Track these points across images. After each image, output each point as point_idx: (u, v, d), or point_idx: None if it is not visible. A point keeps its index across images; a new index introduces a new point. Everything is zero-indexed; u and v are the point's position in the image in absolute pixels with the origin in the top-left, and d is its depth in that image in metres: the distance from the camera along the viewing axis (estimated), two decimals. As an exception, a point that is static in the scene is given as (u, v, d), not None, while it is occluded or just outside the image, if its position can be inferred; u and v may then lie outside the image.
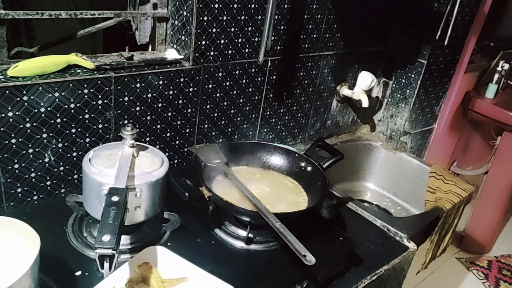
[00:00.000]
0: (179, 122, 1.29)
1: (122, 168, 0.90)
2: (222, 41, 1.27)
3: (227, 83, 1.35)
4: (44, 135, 1.04)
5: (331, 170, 1.23)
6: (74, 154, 1.12)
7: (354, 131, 1.98)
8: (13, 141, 1.00)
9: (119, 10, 1.18)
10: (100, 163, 0.94)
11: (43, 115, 1.02)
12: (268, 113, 1.53)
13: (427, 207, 1.52)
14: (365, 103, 1.69)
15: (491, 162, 2.56)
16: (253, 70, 1.39)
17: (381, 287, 1.17)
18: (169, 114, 1.25)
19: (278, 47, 1.42)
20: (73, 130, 1.09)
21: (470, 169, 2.80)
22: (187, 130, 1.32)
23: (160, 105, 1.22)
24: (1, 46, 1.02)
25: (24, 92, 0.97)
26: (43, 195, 1.11)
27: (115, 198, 0.81)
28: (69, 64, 1.06)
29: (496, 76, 2.37)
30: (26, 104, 0.98)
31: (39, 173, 1.08)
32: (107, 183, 0.88)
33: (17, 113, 0.98)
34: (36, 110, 1.01)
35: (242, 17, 1.27)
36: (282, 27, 1.39)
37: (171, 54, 1.26)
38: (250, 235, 1.05)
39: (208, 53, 1.25)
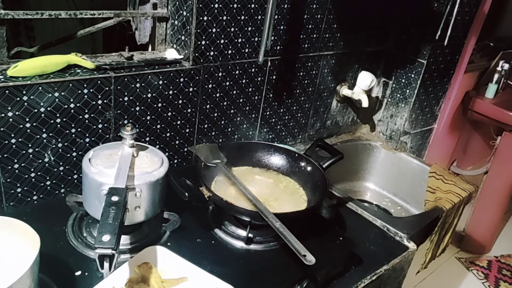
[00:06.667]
0: (179, 122, 1.29)
1: (122, 168, 0.90)
2: (222, 41, 1.27)
3: (227, 83, 1.35)
4: (44, 135, 1.04)
5: (331, 170, 1.23)
6: (74, 154, 1.12)
7: (354, 131, 1.98)
8: (13, 141, 1.00)
9: (119, 10, 1.18)
10: (100, 163, 0.94)
11: (43, 115, 1.02)
12: (268, 113, 1.53)
13: (427, 207, 1.52)
14: (365, 103, 1.69)
15: (491, 162, 2.56)
16: (253, 70, 1.39)
17: (381, 287, 1.17)
18: (169, 114, 1.25)
19: (278, 47, 1.42)
20: (73, 130, 1.09)
21: (470, 169, 2.80)
22: (187, 130, 1.32)
23: (160, 105, 1.22)
24: (1, 46, 1.02)
25: (24, 92, 0.97)
26: (43, 195, 1.11)
27: (115, 198, 0.81)
28: (69, 64, 1.06)
29: (496, 76, 2.37)
30: (26, 104, 0.98)
31: (39, 173, 1.08)
32: (107, 183, 0.88)
33: (17, 113, 0.98)
34: (36, 110, 1.01)
35: (242, 17, 1.27)
36: (282, 27, 1.39)
37: (171, 54, 1.26)
38: (250, 235, 1.05)
39: (208, 53, 1.25)
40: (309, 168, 1.22)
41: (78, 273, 0.90)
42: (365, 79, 1.69)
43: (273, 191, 1.17)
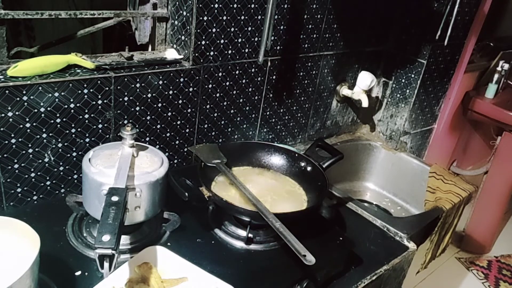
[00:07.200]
0: (179, 122, 1.29)
1: (122, 168, 0.90)
2: (222, 41, 1.27)
3: (227, 83, 1.35)
4: (44, 135, 1.04)
5: (331, 170, 1.23)
6: (74, 154, 1.12)
7: (354, 131, 1.98)
8: (13, 141, 1.00)
9: (119, 10, 1.18)
10: (100, 163, 0.94)
11: (43, 115, 1.02)
12: (268, 113, 1.53)
13: (427, 207, 1.52)
14: (365, 103, 1.69)
15: (491, 162, 2.56)
16: (253, 70, 1.39)
17: (381, 287, 1.17)
18: (169, 114, 1.25)
19: (278, 47, 1.42)
20: (73, 130, 1.09)
21: (470, 169, 2.80)
22: (187, 130, 1.32)
23: (160, 105, 1.22)
24: (1, 46, 1.02)
25: (24, 92, 0.97)
26: (43, 195, 1.11)
27: (115, 198, 0.81)
28: (69, 64, 1.06)
29: (496, 76, 2.37)
30: (26, 104, 0.98)
31: (39, 173, 1.08)
32: (107, 183, 0.88)
33: (17, 113, 0.98)
34: (36, 110, 1.01)
35: (242, 17, 1.27)
36: (282, 27, 1.39)
37: (171, 54, 1.26)
38: (250, 235, 1.05)
39: (208, 53, 1.25)
40: (309, 168, 1.22)
41: (78, 273, 0.90)
42: (365, 79, 1.69)
43: (273, 191, 1.17)
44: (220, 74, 1.31)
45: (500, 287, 2.53)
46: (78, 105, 1.07)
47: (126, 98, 1.14)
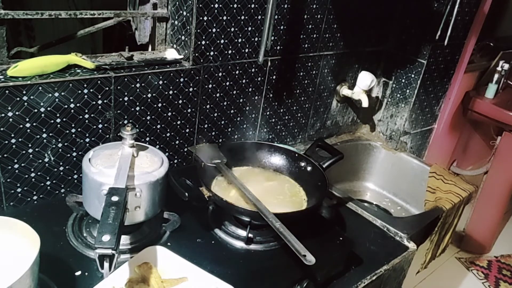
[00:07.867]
0: (179, 122, 1.29)
1: (122, 168, 0.90)
2: (222, 41, 1.27)
3: (227, 83, 1.35)
4: (44, 135, 1.04)
5: (331, 170, 1.23)
6: (74, 154, 1.12)
7: (354, 131, 1.98)
8: (13, 141, 1.00)
9: (119, 10, 1.18)
10: (100, 163, 0.94)
11: (43, 115, 1.02)
12: (268, 113, 1.53)
13: (427, 207, 1.52)
14: (365, 103, 1.69)
15: (491, 162, 2.56)
16: (253, 70, 1.39)
17: (381, 287, 1.17)
18: (169, 114, 1.25)
19: (278, 47, 1.42)
20: (73, 130, 1.09)
21: (470, 169, 2.80)
22: (187, 130, 1.32)
23: (160, 105, 1.22)
24: (1, 46, 1.02)
25: (24, 92, 0.97)
26: (43, 195, 1.11)
27: (115, 198, 0.81)
28: (69, 64, 1.06)
29: (496, 76, 2.37)
30: (26, 104, 0.98)
31: (39, 173, 1.08)
32: (107, 183, 0.88)
33: (17, 113, 0.98)
34: (36, 110, 1.01)
35: (242, 17, 1.27)
36: (282, 27, 1.39)
37: (171, 54, 1.26)
38: (250, 235, 1.05)
39: (208, 53, 1.25)
40: (309, 168, 1.22)
41: (78, 273, 0.90)
42: (365, 79, 1.69)
43: (273, 191, 1.17)
44: (220, 74, 1.31)
45: (500, 287, 2.53)
46: (78, 105, 1.07)
47: (126, 98, 1.14)
